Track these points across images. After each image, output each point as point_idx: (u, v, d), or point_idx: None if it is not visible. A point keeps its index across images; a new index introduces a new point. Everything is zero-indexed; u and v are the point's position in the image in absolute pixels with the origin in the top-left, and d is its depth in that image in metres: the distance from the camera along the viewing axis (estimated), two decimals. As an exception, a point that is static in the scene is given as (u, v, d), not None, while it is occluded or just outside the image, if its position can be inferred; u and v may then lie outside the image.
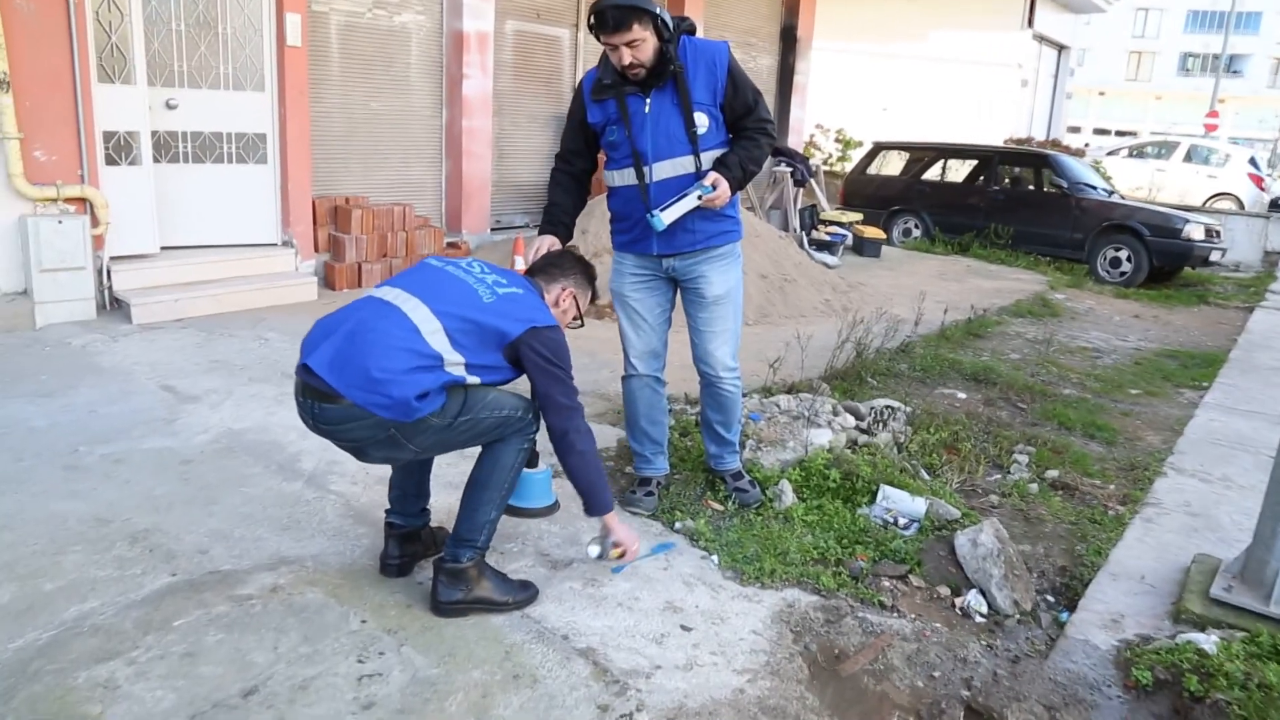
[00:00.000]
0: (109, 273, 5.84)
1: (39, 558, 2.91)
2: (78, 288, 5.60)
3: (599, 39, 3.14)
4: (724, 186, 3.24)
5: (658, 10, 3.10)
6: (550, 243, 3.36)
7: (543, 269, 3.03)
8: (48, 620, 2.58)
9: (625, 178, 3.37)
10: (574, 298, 3.01)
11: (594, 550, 3.03)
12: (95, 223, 5.70)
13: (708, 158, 3.31)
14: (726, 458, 3.79)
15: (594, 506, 2.87)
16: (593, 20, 3.09)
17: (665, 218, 3.23)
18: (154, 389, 4.56)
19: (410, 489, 2.96)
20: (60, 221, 5.47)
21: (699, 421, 3.94)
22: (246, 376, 4.80)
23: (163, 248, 6.25)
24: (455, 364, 2.53)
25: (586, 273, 3.09)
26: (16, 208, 5.43)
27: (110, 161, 5.84)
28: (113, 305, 5.87)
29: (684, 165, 3.30)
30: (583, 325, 3.11)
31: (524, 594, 2.86)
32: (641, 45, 3.12)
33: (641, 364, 3.59)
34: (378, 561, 2.98)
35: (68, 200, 5.58)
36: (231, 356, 5.14)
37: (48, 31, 5.37)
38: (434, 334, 2.52)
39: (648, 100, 3.26)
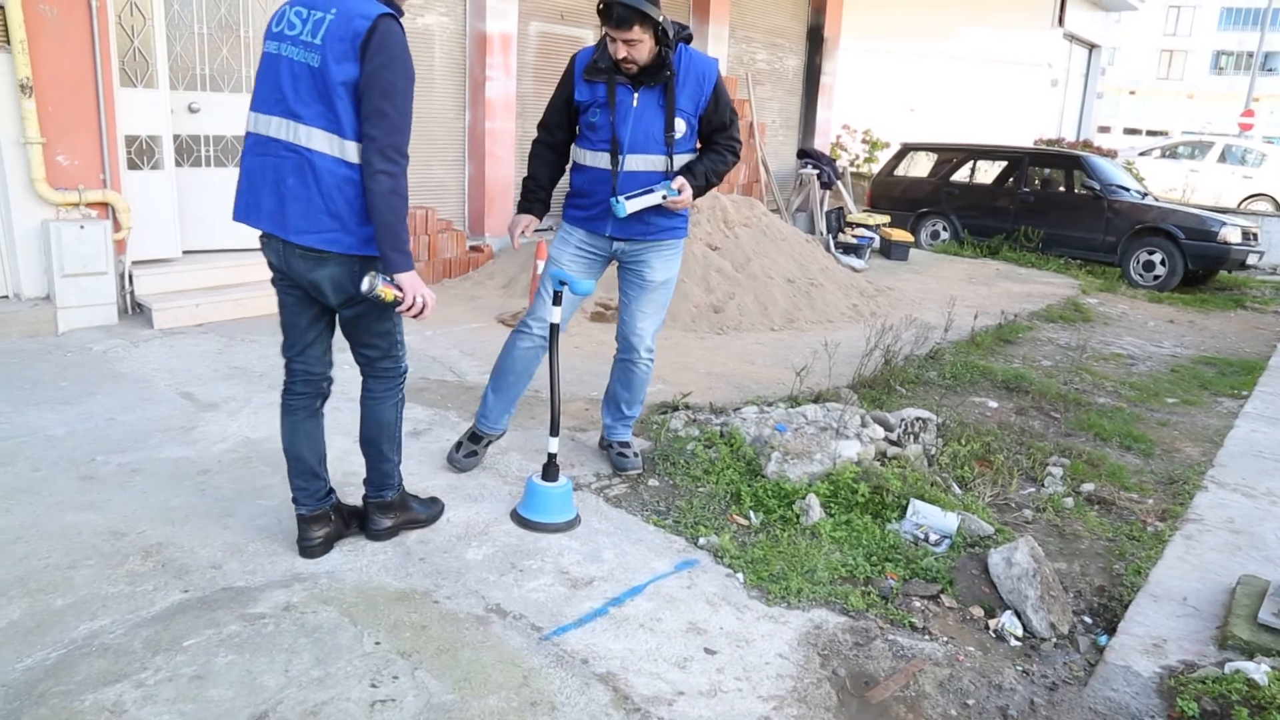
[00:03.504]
0: (131, 277, 5.81)
1: (51, 572, 2.86)
2: (99, 293, 5.58)
3: (602, 26, 3.33)
4: (688, 192, 3.49)
5: (661, 19, 3.28)
6: (529, 222, 3.65)
7: None
8: (57, 639, 2.52)
9: (597, 160, 3.54)
10: None
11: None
12: (117, 227, 5.68)
13: (678, 160, 3.55)
14: (620, 429, 4.02)
15: (387, 240, 2.63)
16: (600, 8, 3.27)
17: (629, 206, 3.48)
18: (173, 396, 4.52)
19: (310, 478, 3.00)
20: (82, 226, 5.45)
21: (604, 397, 4.06)
22: (266, 384, 4.75)
23: (185, 252, 6.21)
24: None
25: None
26: (39, 213, 5.41)
27: (132, 166, 5.81)
28: (134, 310, 5.84)
29: (655, 163, 3.52)
30: None
31: (436, 508, 3.33)
32: (638, 45, 3.31)
33: (540, 328, 3.67)
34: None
35: (90, 205, 5.55)
36: (251, 363, 5.10)
37: (70, 36, 5.34)
38: (321, 139, 2.64)
39: (636, 94, 3.46)
